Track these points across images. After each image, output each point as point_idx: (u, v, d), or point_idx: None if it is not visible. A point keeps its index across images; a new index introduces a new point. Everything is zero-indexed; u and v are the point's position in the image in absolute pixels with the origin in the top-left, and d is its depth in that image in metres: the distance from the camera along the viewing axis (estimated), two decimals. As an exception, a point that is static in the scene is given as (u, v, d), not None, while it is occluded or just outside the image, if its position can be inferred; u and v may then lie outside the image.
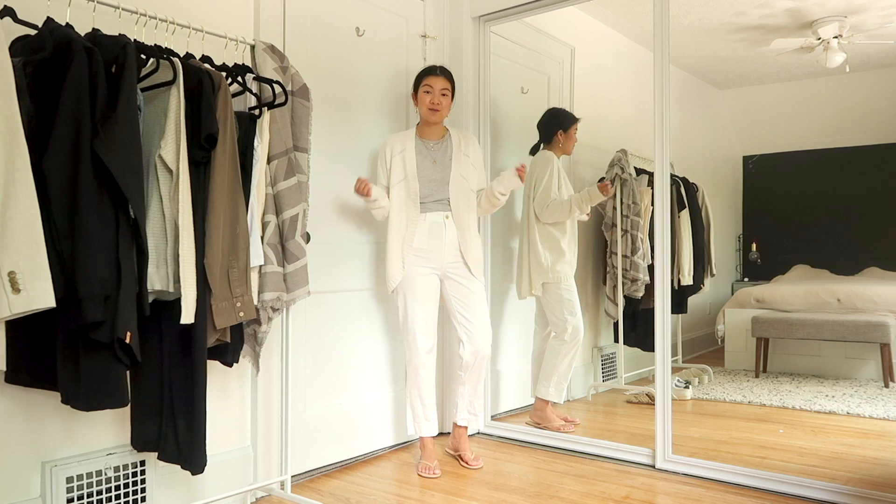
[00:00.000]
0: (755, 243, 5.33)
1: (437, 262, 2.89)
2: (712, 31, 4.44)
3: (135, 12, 2.04)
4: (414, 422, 2.94)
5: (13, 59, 1.63)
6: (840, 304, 4.50)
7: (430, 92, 2.89)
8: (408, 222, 2.85)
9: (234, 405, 2.58)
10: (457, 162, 2.93)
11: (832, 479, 2.64)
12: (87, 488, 2.09)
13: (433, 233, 2.87)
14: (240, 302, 2.10)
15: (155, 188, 1.92)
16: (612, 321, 4.11)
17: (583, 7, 3.82)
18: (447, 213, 2.89)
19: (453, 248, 2.90)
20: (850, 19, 4.28)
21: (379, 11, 3.20)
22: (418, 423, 2.94)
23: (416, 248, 2.86)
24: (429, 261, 2.88)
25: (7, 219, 1.55)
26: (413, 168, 2.86)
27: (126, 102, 1.80)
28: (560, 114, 3.63)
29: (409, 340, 2.88)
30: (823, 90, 5.02)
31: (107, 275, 1.76)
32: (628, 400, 3.97)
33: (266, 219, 2.28)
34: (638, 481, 2.75)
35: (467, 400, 3.02)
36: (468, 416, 3.03)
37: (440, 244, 2.87)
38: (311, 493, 2.63)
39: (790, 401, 3.91)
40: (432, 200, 2.88)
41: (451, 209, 2.90)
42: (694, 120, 5.12)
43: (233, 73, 2.23)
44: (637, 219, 3.95)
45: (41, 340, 1.83)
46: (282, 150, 2.31)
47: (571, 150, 3.59)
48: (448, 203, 2.90)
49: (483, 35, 3.51)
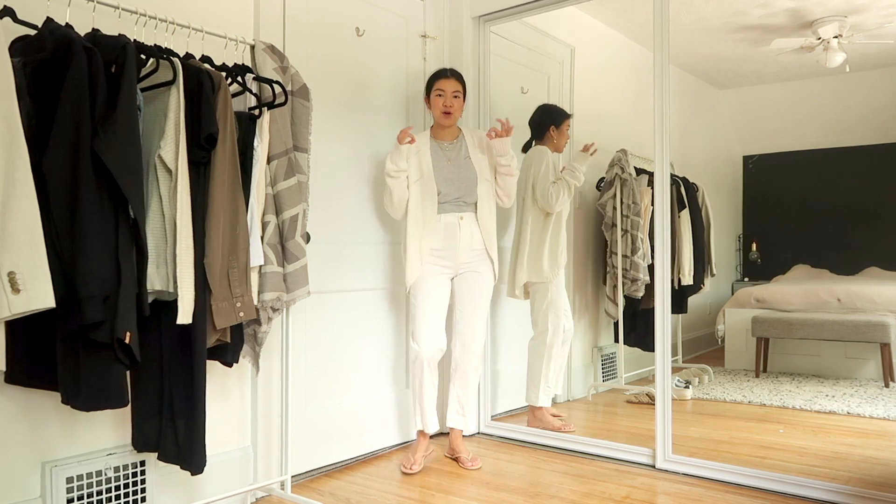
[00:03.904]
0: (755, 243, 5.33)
1: (451, 262, 2.94)
2: (712, 31, 4.44)
3: (135, 12, 2.04)
4: (423, 416, 2.97)
5: (13, 59, 1.63)
6: (840, 303, 4.50)
7: (441, 95, 2.92)
8: (425, 224, 2.89)
9: (234, 405, 2.58)
10: (477, 163, 2.96)
11: (832, 478, 2.64)
12: (87, 488, 2.09)
13: (448, 234, 2.91)
14: (240, 302, 2.10)
15: (155, 188, 1.92)
16: (613, 321, 4.11)
17: (583, 7, 3.82)
18: (461, 214, 2.93)
19: (468, 249, 2.94)
20: (850, 19, 4.28)
21: (379, 11, 3.20)
22: (427, 418, 2.97)
23: (432, 248, 2.90)
24: (443, 261, 2.92)
25: (7, 219, 1.55)
26: (430, 168, 2.90)
27: (126, 102, 1.80)
28: (551, 110, 3.61)
29: (416, 339, 2.91)
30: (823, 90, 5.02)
31: (107, 275, 1.76)
32: (628, 400, 3.97)
33: (266, 219, 2.28)
34: (638, 481, 2.75)
35: (457, 401, 3.05)
36: (457, 416, 3.05)
37: (455, 245, 2.92)
38: (311, 493, 2.63)
39: (790, 401, 3.91)
40: (448, 200, 2.92)
41: (469, 209, 2.94)
42: (694, 120, 5.12)
43: (233, 73, 2.23)
44: (637, 219, 3.95)
45: (41, 341, 1.83)
46: (282, 150, 2.31)
47: (563, 148, 3.56)
48: (463, 202, 2.94)
49: (483, 35, 3.51)
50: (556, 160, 3.51)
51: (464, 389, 3.04)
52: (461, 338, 3.01)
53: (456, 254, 2.93)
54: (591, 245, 4.15)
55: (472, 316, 2.99)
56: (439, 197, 2.90)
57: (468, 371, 3.02)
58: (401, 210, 2.93)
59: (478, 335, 3.01)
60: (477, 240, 2.96)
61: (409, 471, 2.86)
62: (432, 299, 2.91)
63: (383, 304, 3.22)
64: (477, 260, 2.97)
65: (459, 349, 3.02)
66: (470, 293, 2.98)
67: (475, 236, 2.95)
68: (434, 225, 2.90)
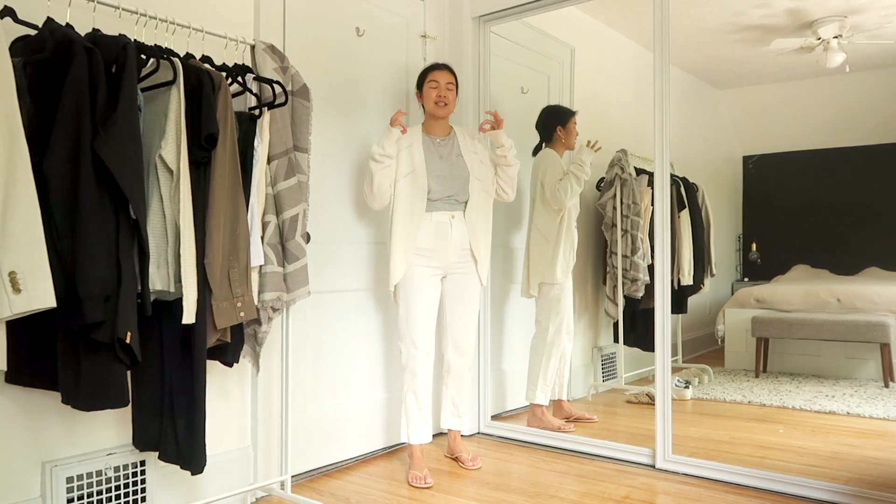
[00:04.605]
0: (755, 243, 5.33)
1: (441, 262, 2.86)
2: (712, 31, 4.44)
3: (135, 12, 2.04)
4: (408, 428, 2.88)
5: (13, 59, 1.63)
6: (840, 304, 4.50)
7: (436, 87, 2.85)
8: (413, 220, 2.79)
9: (234, 405, 2.58)
10: (469, 161, 2.91)
11: (832, 478, 2.64)
12: (88, 488, 2.09)
13: (439, 233, 2.83)
14: (240, 302, 2.10)
15: (155, 188, 1.92)
16: (612, 321, 4.11)
17: (583, 7, 3.82)
18: (453, 213, 2.86)
19: (459, 248, 2.88)
20: (850, 19, 4.28)
21: (379, 11, 3.20)
22: (412, 430, 2.87)
23: (420, 247, 2.81)
24: (433, 261, 2.84)
25: (7, 219, 1.55)
26: (422, 162, 2.81)
27: (126, 102, 1.80)
28: (556, 110, 3.64)
29: (408, 342, 2.84)
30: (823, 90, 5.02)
31: (107, 275, 1.76)
32: (628, 400, 3.97)
33: (266, 219, 2.28)
34: (638, 481, 2.75)
35: (451, 402, 3.02)
36: (452, 418, 3.03)
37: (446, 244, 2.84)
38: (311, 493, 2.63)
39: (790, 401, 3.91)
40: (440, 198, 2.84)
41: (460, 208, 2.88)
42: (694, 120, 5.12)
43: (233, 73, 2.23)
44: (637, 219, 3.95)
45: (42, 340, 1.83)
46: (282, 150, 2.31)
47: (574, 144, 3.59)
48: (455, 200, 2.87)
49: (483, 35, 3.51)
50: (565, 161, 3.52)
51: (457, 391, 3.01)
52: (453, 339, 2.95)
53: (446, 253, 2.85)
54: (591, 245, 4.15)
55: (465, 316, 2.95)
56: (430, 194, 2.81)
57: (461, 372, 2.99)
58: (380, 199, 2.79)
59: (470, 336, 2.98)
60: (467, 239, 2.90)
61: (425, 485, 2.72)
62: (424, 302, 2.83)
63: (384, 305, 3.22)
64: (466, 260, 2.92)
65: (452, 351, 2.96)
66: (461, 294, 2.93)
67: (465, 236, 2.89)
68: (424, 223, 2.81)
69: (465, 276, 2.93)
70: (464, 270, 2.92)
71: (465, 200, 2.90)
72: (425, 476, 2.76)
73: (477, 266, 2.94)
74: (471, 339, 2.99)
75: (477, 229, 2.91)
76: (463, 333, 2.96)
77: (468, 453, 2.99)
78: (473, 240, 2.91)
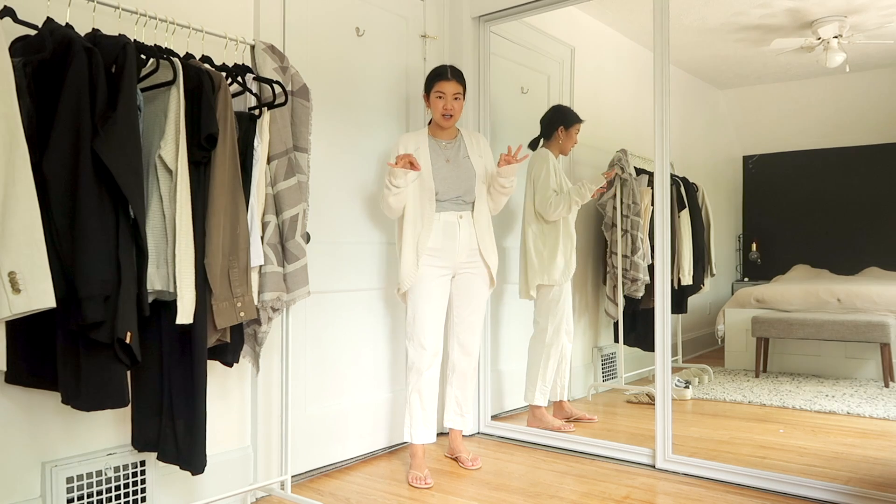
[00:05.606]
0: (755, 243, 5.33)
1: (450, 261, 2.88)
2: (712, 31, 4.44)
3: (135, 12, 2.04)
4: (410, 427, 2.88)
5: (13, 59, 1.63)
6: (840, 303, 4.50)
7: (442, 98, 2.86)
8: (423, 221, 2.82)
9: (234, 405, 2.58)
10: (476, 163, 2.93)
11: (832, 479, 2.64)
12: (87, 488, 2.09)
13: (447, 233, 2.85)
14: (240, 302, 2.10)
15: (155, 188, 1.92)
16: (612, 321, 4.11)
17: (583, 7, 3.82)
18: (461, 213, 2.88)
19: (467, 248, 2.90)
20: (850, 19, 4.28)
21: (379, 11, 3.20)
22: (415, 429, 2.87)
23: (430, 248, 2.83)
24: (442, 260, 2.86)
25: (7, 219, 1.55)
26: (428, 166, 2.84)
27: (126, 102, 1.80)
28: (564, 111, 3.62)
29: (416, 342, 2.85)
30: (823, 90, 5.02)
31: (107, 275, 1.76)
32: (628, 400, 3.97)
33: (266, 219, 2.28)
34: (638, 481, 2.75)
35: (455, 401, 3.03)
36: (455, 417, 3.03)
37: (454, 244, 2.86)
38: (311, 493, 2.63)
39: (790, 401, 3.91)
40: (447, 199, 2.86)
41: (468, 208, 2.90)
42: (694, 120, 5.11)
43: (233, 73, 2.23)
44: (637, 219, 3.95)
45: (41, 341, 1.83)
46: (282, 150, 2.31)
47: (569, 151, 3.58)
48: (462, 201, 2.89)
49: (483, 35, 3.51)
50: (558, 165, 3.51)
51: (462, 390, 3.03)
52: (459, 339, 2.98)
53: (455, 253, 2.87)
54: (591, 245, 4.14)
55: (472, 316, 2.97)
56: (437, 196, 2.84)
57: (466, 371, 3.01)
58: (399, 212, 2.87)
59: (476, 336, 3.00)
60: (475, 239, 2.92)
61: (425, 486, 2.72)
62: (433, 301, 2.85)
63: (383, 304, 3.22)
64: (475, 260, 2.94)
65: (458, 350, 2.99)
66: (468, 293, 2.95)
67: (473, 236, 2.92)
68: (432, 224, 2.84)
69: (473, 277, 2.94)
70: (472, 270, 2.94)
71: (472, 201, 2.93)
72: (425, 476, 2.76)
73: (488, 267, 2.95)
74: (477, 339, 3.00)
75: (484, 230, 2.94)
76: (469, 333, 2.97)
77: (468, 453, 3.00)
78: (481, 240, 2.93)
